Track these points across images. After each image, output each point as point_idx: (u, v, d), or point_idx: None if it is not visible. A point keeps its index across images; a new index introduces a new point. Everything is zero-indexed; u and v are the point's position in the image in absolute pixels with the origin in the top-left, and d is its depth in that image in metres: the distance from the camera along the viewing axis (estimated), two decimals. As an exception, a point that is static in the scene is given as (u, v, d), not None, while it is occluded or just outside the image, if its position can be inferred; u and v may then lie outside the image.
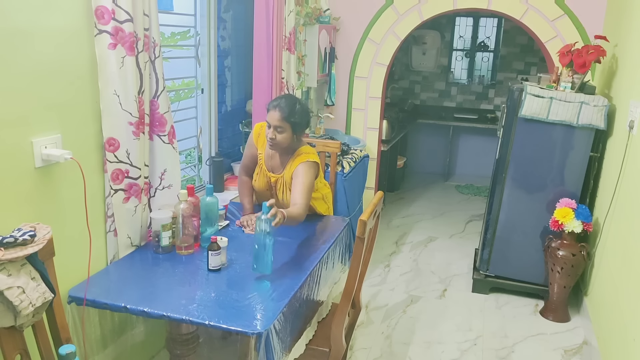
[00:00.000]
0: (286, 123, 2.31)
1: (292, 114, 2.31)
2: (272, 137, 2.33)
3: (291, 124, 2.32)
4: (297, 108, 2.33)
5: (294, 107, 2.32)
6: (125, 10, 1.87)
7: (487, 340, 2.92)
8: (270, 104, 2.35)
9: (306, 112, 2.39)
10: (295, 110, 2.32)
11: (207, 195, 2.17)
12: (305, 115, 2.38)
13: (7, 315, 1.41)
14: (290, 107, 2.31)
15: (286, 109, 2.30)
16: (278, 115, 2.30)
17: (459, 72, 6.30)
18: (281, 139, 2.33)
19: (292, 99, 2.38)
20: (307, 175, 2.34)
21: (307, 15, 3.57)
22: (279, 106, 2.31)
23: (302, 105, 2.39)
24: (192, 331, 2.02)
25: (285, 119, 2.30)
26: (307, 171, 2.35)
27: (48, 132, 1.74)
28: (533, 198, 3.22)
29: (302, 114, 2.35)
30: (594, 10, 3.56)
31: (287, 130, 2.32)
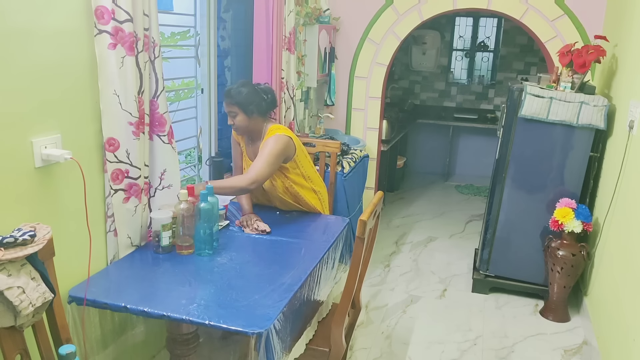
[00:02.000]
0: (233, 106, 2.42)
1: (236, 96, 2.40)
2: (230, 122, 2.46)
3: (238, 105, 2.41)
4: (240, 90, 2.41)
5: (238, 90, 2.41)
6: (125, 10, 1.87)
7: (487, 340, 2.92)
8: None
9: (252, 92, 2.43)
10: (238, 91, 2.41)
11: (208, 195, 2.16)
12: (251, 95, 2.42)
13: (7, 315, 1.41)
14: (234, 90, 2.42)
15: (229, 93, 2.42)
16: (225, 102, 2.45)
17: (459, 72, 6.31)
18: (238, 122, 2.44)
19: (239, 83, 2.47)
20: (269, 146, 2.38)
21: (307, 15, 3.57)
22: (226, 93, 2.44)
23: (249, 87, 2.44)
24: (192, 331, 2.02)
25: (230, 103, 2.42)
26: (271, 143, 2.39)
27: (48, 132, 1.74)
28: (533, 198, 3.22)
29: (247, 95, 2.41)
30: (594, 10, 3.56)
31: (238, 113, 2.42)
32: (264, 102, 2.47)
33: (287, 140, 2.43)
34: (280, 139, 2.40)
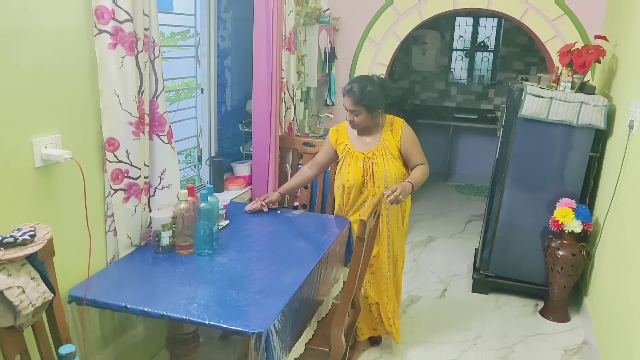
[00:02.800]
0: (358, 106, 2.40)
1: (363, 98, 2.38)
2: (351, 119, 2.45)
3: (365, 107, 2.40)
4: (367, 90, 2.38)
5: (364, 90, 2.38)
6: (125, 10, 1.87)
7: (487, 340, 2.92)
8: (343, 89, 2.46)
9: (379, 92, 2.43)
10: (366, 93, 2.38)
11: (208, 194, 2.16)
12: (377, 96, 2.42)
13: (7, 315, 1.41)
14: (360, 90, 2.38)
15: (357, 94, 2.38)
16: (350, 101, 2.40)
17: (459, 72, 6.31)
18: (359, 121, 2.45)
19: (363, 81, 2.43)
20: (413, 135, 2.56)
21: (307, 15, 3.57)
22: (350, 92, 2.40)
23: (374, 85, 2.43)
24: (192, 331, 2.02)
25: (357, 103, 2.39)
26: (411, 132, 2.56)
27: (48, 132, 1.74)
28: (533, 198, 3.22)
29: (374, 96, 2.40)
30: (594, 10, 3.56)
31: (362, 112, 2.42)
32: (386, 97, 2.49)
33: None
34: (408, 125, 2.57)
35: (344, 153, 2.57)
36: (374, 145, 2.52)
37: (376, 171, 2.49)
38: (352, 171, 2.53)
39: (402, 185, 2.38)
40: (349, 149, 2.55)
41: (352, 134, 2.57)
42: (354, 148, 2.55)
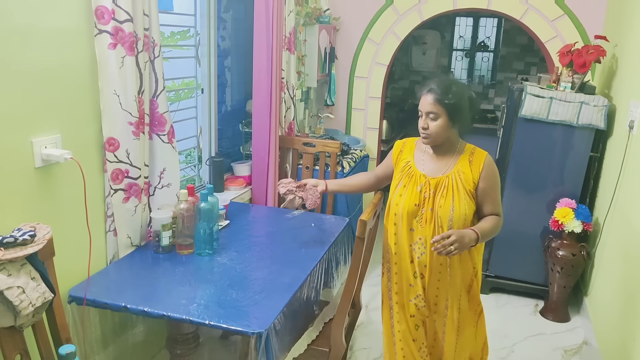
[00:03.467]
0: (440, 107, 1.88)
1: (451, 96, 1.87)
2: (424, 126, 1.93)
3: (447, 109, 1.88)
4: (453, 90, 1.88)
5: (450, 89, 1.88)
6: (125, 10, 1.87)
7: (487, 340, 2.91)
8: (421, 89, 1.96)
9: (466, 99, 1.91)
10: (452, 92, 1.88)
11: (208, 194, 2.16)
12: (464, 103, 1.90)
13: (7, 315, 1.41)
14: (445, 88, 1.88)
15: (439, 91, 1.88)
16: (429, 100, 1.89)
17: (459, 72, 6.31)
18: (436, 129, 1.91)
19: (447, 79, 1.95)
20: (497, 176, 2.01)
21: (307, 15, 3.57)
22: (431, 89, 1.90)
23: (461, 88, 1.93)
24: (192, 331, 2.02)
25: (438, 102, 1.87)
26: (496, 169, 2.01)
27: (48, 132, 1.74)
28: (533, 198, 3.22)
29: (460, 99, 1.89)
30: (594, 10, 3.56)
31: (441, 116, 1.89)
32: (473, 113, 1.98)
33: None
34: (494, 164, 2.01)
35: (403, 172, 2.04)
36: (443, 171, 1.97)
37: (439, 206, 1.93)
38: (405, 195, 1.99)
39: (461, 233, 1.85)
40: (410, 167, 2.04)
41: (419, 152, 2.06)
42: (416, 167, 2.03)
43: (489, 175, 1.97)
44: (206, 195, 2.11)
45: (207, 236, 2.10)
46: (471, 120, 1.97)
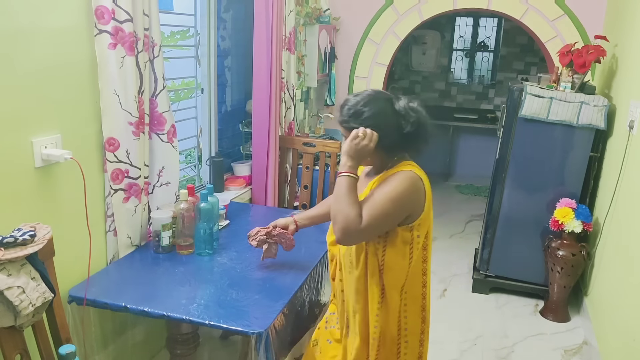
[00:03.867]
0: (344, 130, 1.56)
1: (350, 115, 1.52)
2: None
3: (344, 129, 1.55)
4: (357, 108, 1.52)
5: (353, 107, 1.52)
6: (125, 10, 1.87)
7: (487, 340, 2.92)
8: None
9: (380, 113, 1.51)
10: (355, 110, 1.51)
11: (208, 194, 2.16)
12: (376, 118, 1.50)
13: (7, 315, 1.41)
14: (347, 107, 1.54)
15: (340, 112, 1.56)
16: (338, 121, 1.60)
17: (459, 72, 6.30)
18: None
19: (355, 98, 1.55)
20: (393, 185, 1.48)
21: (307, 15, 3.57)
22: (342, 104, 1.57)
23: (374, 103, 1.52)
24: (192, 331, 2.02)
25: (340, 123, 1.57)
26: (398, 181, 1.48)
27: (48, 132, 1.74)
28: (533, 198, 3.22)
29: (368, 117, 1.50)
30: (594, 10, 3.56)
31: (347, 135, 1.54)
32: (398, 132, 1.52)
33: (419, 187, 1.52)
34: (414, 181, 1.50)
35: None
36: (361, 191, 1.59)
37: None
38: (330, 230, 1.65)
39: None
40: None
41: (362, 174, 1.67)
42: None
43: (383, 181, 1.51)
44: (206, 195, 2.11)
45: (207, 236, 2.10)
46: (404, 138, 1.52)
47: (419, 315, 1.63)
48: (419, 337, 1.64)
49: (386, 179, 1.51)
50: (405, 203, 1.49)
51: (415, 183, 1.50)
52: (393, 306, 1.58)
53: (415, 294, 1.61)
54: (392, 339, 1.60)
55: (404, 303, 1.59)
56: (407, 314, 1.60)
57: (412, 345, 1.64)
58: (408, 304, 1.60)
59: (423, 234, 1.57)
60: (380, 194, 1.47)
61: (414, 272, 1.59)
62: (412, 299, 1.60)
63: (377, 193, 1.48)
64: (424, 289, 1.63)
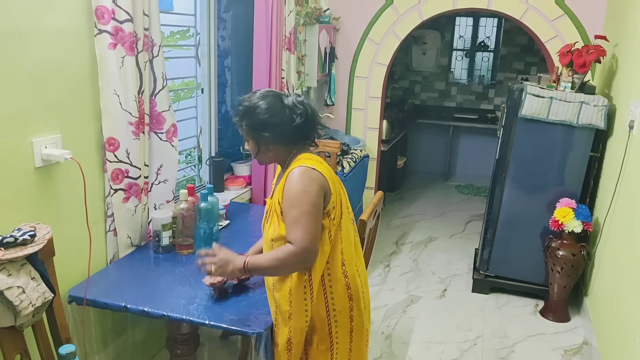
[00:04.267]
0: (241, 127, 1.68)
1: (241, 113, 1.65)
2: (247, 148, 1.75)
3: (247, 128, 1.65)
4: (250, 104, 1.63)
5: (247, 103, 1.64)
6: (125, 10, 1.87)
7: (487, 340, 2.92)
8: None
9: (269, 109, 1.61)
10: (247, 107, 1.63)
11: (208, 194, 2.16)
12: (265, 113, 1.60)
13: (7, 315, 1.41)
14: (236, 109, 1.67)
15: (235, 107, 1.69)
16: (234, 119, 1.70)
17: (459, 72, 6.30)
18: (251, 151, 1.71)
19: (242, 99, 1.67)
20: (292, 192, 1.56)
21: (307, 15, 3.57)
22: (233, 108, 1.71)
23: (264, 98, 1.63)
24: (192, 331, 2.02)
25: (237, 122, 1.68)
26: (297, 182, 1.57)
27: (48, 132, 1.74)
28: (533, 198, 3.22)
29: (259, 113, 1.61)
30: (594, 10, 3.56)
31: (248, 136, 1.68)
32: (290, 124, 1.62)
33: (314, 175, 1.58)
34: (306, 173, 1.58)
35: None
36: (270, 194, 1.75)
37: (266, 233, 1.71)
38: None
39: (228, 257, 1.64)
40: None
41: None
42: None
43: (286, 191, 1.59)
44: (206, 195, 2.11)
45: (207, 236, 2.10)
46: (296, 130, 1.63)
47: (346, 295, 1.68)
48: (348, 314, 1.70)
49: (285, 187, 1.59)
50: (313, 194, 1.56)
51: (306, 173, 1.58)
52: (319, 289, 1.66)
53: (338, 275, 1.67)
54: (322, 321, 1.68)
55: (330, 285, 1.66)
56: (333, 295, 1.67)
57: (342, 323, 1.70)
58: (333, 286, 1.67)
59: (338, 215, 1.65)
60: (291, 210, 1.56)
61: (332, 253, 1.66)
62: (335, 280, 1.67)
63: (287, 211, 1.57)
64: (344, 267, 1.68)
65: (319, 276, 1.64)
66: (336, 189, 1.65)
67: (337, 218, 1.65)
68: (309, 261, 1.58)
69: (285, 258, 1.56)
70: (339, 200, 1.67)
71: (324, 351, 1.69)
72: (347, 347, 1.73)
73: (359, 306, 1.72)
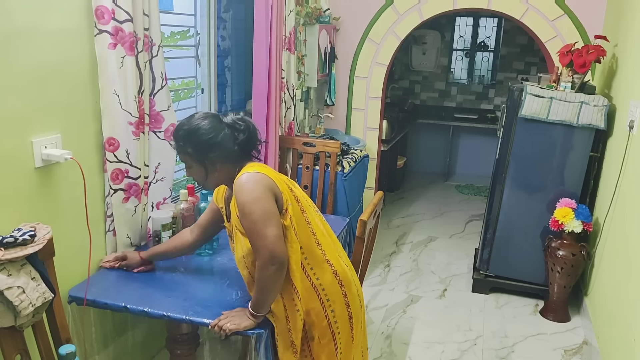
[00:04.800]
0: (182, 154, 1.68)
1: (181, 140, 1.65)
2: (188, 175, 1.75)
3: (188, 155, 1.65)
4: (189, 130, 1.63)
5: (186, 130, 1.64)
6: (125, 10, 1.87)
7: (487, 340, 2.92)
8: None
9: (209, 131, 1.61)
10: (187, 133, 1.63)
11: (208, 194, 2.16)
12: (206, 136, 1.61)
13: (7, 315, 1.41)
14: (178, 131, 1.66)
15: (174, 136, 1.68)
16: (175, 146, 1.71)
17: (459, 72, 6.30)
18: (195, 177, 1.70)
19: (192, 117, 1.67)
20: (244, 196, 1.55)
21: (307, 15, 3.57)
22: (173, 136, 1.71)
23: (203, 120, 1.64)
24: (192, 331, 2.02)
25: (177, 149, 1.69)
26: (244, 190, 1.55)
27: (48, 132, 1.74)
28: (533, 198, 3.22)
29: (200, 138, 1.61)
30: (594, 10, 3.56)
31: (192, 161, 1.66)
32: (233, 141, 1.64)
33: (258, 178, 1.57)
34: (249, 179, 1.57)
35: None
36: (229, 215, 1.75)
37: (234, 254, 1.75)
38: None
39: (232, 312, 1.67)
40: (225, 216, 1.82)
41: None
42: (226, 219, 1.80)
43: (237, 203, 1.57)
44: (206, 196, 2.11)
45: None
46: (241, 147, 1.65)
47: (336, 282, 1.69)
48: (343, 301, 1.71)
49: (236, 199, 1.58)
50: (262, 198, 1.55)
51: (250, 179, 1.57)
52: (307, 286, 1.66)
53: (322, 265, 1.68)
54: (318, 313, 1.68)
55: (317, 278, 1.67)
56: (324, 286, 1.68)
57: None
58: (320, 277, 1.68)
59: (297, 211, 1.64)
60: (245, 220, 1.56)
61: (307, 246, 1.66)
62: (321, 272, 1.68)
63: (243, 223, 1.57)
64: (326, 256, 1.69)
65: (299, 274, 1.64)
66: (286, 187, 1.64)
67: (296, 214, 1.64)
68: (282, 263, 1.56)
69: (261, 275, 1.56)
70: (293, 197, 1.65)
71: (327, 343, 1.69)
72: (349, 334, 1.74)
73: (350, 289, 1.73)
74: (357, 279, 1.81)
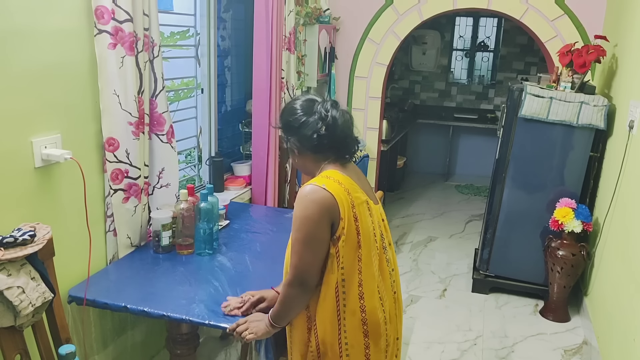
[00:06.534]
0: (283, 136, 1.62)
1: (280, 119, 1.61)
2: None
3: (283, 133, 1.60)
4: (285, 105, 1.63)
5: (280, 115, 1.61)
6: (125, 10, 1.87)
7: (487, 340, 2.92)
8: None
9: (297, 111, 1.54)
10: (283, 107, 1.63)
11: (208, 194, 2.16)
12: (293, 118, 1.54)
13: (7, 315, 1.41)
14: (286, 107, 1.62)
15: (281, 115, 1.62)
16: None
17: (459, 72, 6.31)
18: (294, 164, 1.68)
19: (299, 96, 1.64)
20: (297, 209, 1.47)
21: (307, 15, 3.57)
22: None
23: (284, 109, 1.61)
24: (192, 331, 2.02)
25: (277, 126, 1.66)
26: (299, 203, 1.47)
27: (48, 132, 1.74)
28: (533, 198, 3.22)
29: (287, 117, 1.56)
30: (594, 10, 3.56)
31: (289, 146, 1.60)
32: (312, 132, 1.50)
33: (320, 197, 1.44)
34: (310, 194, 1.45)
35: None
36: None
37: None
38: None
39: (253, 317, 1.63)
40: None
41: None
42: None
43: (293, 214, 1.50)
44: (206, 195, 2.11)
45: (207, 236, 2.10)
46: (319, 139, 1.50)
47: (360, 330, 1.52)
48: (362, 351, 1.54)
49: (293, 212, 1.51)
50: (313, 221, 1.44)
51: (310, 195, 1.44)
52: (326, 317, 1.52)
53: (353, 308, 1.51)
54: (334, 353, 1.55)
55: (344, 317, 1.51)
56: (346, 327, 1.52)
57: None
58: (347, 318, 1.51)
59: (353, 243, 1.48)
60: (293, 232, 1.49)
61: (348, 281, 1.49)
62: (349, 313, 1.51)
63: (292, 238, 1.51)
64: (362, 301, 1.51)
65: (330, 304, 1.49)
66: (351, 214, 1.47)
67: (348, 246, 1.47)
68: (307, 289, 1.48)
69: (285, 290, 1.51)
70: (355, 227, 1.47)
71: None
72: None
73: (377, 344, 1.54)
74: (394, 332, 1.62)
